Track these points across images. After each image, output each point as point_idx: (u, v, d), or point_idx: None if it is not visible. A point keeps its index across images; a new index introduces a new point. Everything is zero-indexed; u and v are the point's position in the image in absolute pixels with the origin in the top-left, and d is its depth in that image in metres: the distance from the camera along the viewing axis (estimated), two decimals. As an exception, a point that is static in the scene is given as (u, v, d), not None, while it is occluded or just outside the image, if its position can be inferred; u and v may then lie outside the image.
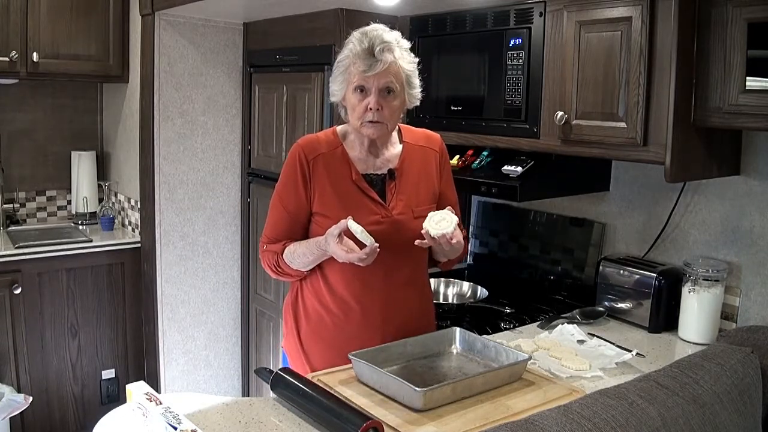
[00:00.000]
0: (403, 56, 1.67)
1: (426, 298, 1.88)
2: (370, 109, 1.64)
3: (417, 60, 1.73)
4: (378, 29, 1.66)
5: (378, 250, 1.57)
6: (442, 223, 1.61)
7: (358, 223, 1.57)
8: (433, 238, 1.60)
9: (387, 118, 1.67)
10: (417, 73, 1.72)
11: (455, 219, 1.62)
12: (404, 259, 1.76)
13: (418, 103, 1.76)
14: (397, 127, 1.80)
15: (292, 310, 1.83)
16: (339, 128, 1.80)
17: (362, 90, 1.65)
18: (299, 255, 1.70)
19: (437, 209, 1.78)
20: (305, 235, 1.76)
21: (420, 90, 1.74)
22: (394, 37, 1.67)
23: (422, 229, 1.62)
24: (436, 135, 1.88)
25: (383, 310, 1.74)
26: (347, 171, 1.72)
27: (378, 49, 1.61)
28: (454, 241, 1.60)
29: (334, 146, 1.74)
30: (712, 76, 1.68)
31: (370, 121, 1.66)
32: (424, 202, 1.77)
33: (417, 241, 1.65)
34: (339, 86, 1.70)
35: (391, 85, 1.64)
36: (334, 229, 1.59)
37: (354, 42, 1.65)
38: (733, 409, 1.38)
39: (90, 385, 3.16)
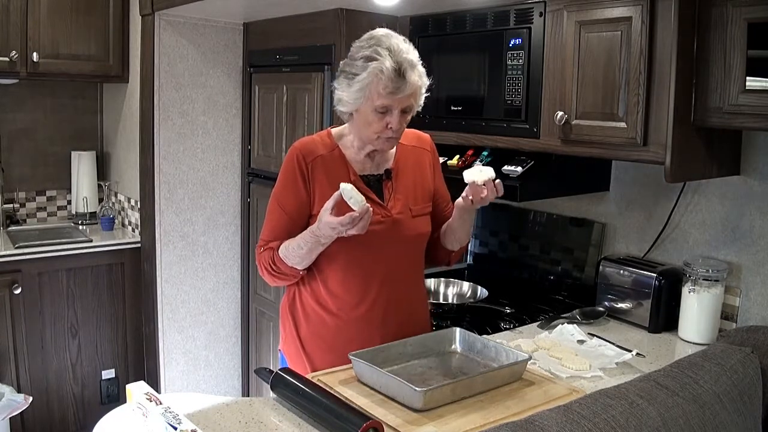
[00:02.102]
0: (422, 73, 1.65)
1: (422, 296, 1.89)
2: (391, 128, 1.63)
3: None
4: (396, 42, 1.62)
5: (370, 211, 1.54)
6: (481, 174, 1.62)
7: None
8: (480, 186, 1.60)
9: (401, 133, 1.68)
10: (426, 84, 1.70)
11: (491, 168, 1.62)
12: (403, 258, 1.76)
13: (419, 110, 1.74)
14: None
15: (290, 313, 1.82)
16: (334, 130, 1.79)
17: (384, 109, 1.62)
18: (293, 248, 1.68)
19: (433, 206, 1.80)
20: None
21: (424, 97, 1.72)
22: (410, 48, 1.64)
23: (467, 181, 1.62)
24: (425, 135, 1.89)
25: (383, 309, 1.73)
26: (345, 172, 1.72)
27: (408, 71, 1.59)
28: (497, 182, 1.61)
29: (330, 148, 1.74)
30: (712, 76, 1.68)
31: (387, 138, 1.65)
32: (421, 201, 1.78)
33: (461, 198, 1.66)
34: (354, 99, 1.64)
35: (411, 105, 1.64)
36: (328, 203, 1.56)
37: (379, 59, 1.58)
38: (733, 409, 1.38)
39: (90, 385, 3.16)
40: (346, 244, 1.63)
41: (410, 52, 1.63)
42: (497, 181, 1.62)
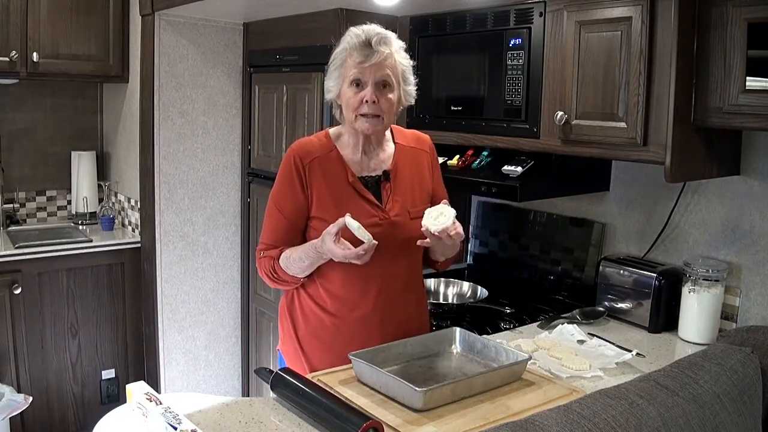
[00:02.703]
0: (399, 50, 1.68)
1: (421, 298, 1.88)
2: (366, 101, 1.63)
3: (411, 59, 1.73)
4: (373, 25, 1.67)
5: (375, 246, 1.56)
6: (440, 218, 1.60)
7: (356, 220, 1.57)
8: (435, 234, 1.59)
9: (383, 111, 1.66)
10: (411, 69, 1.72)
11: (452, 211, 1.61)
12: (401, 259, 1.75)
13: (413, 102, 1.75)
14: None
15: (289, 313, 1.82)
16: (331, 130, 1.79)
17: (358, 84, 1.64)
18: (294, 260, 1.69)
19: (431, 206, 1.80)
20: (303, 241, 1.74)
21: (415, 87, 1.73)
22: (390, 32, 1.68)
23: (422, 228, 1.61)
24: (425, 135, 1.88)
25: (381, 311, 1.73)
26: (343, 173, 1.71)
27: (375, 40, 1.62)
28: (453, 233, 1.59)
29: (327, 149, 1.73)
30: (712, 76, 1.68)
31: (364, 115, 1.64)
32: (420, 203, 1.77)
33: (419, 242, 1.64)
34: (334, 81, 1.69)
35: (387, 78, 1.64)
36: (332, 228, 1.57)
37: (350, 36, 1.66)
38: (733, 409, 1.38)
39: (90, 385, 3.16)
40: None
41: (389, 33, 1.66)
42: (454, 233, 1.59)
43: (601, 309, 2.16)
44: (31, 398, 2.57)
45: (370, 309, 1.72)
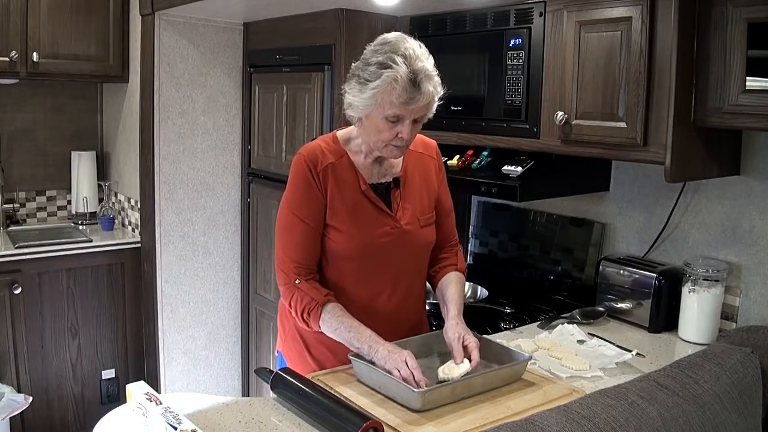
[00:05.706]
0: (437, 83, 1.58)
1: (422, 305, 1.86)
2: (401, 137, 1.57)
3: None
4: (412, 49, 1.54)
5: (421, 386, 1.46)
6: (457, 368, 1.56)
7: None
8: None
9: (411, 143, 1.63)
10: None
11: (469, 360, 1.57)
12: (409, 268, 1.73)
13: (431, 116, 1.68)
14: None
15: (290, 315, 1.81)
16: (339, 134, 1.73)
17: (395, 118, 1.56)
18: (346, 337, 1.58)
19: (435, 215, 1.77)
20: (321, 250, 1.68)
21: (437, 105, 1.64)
22: (425, 54, 1.57)
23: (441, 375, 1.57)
24: (431, 141, 1.84)
25: (389, 315, 1.71)
26: (355, 181, 1.66)
27: (423, 82, 1.52)
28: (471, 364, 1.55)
29: (339, 155, 1.67)
30: (712, 76, 1.68)
31: (396, 146, 1.60)
32: (428, 210, 1.75)
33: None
34: (364, 105, 1.56)
35: (424, 113, 1.58)
36: (417, 372, 1.47)
37: (394, 67, 1.50)
38: (733, 409, 1.38)
39: (90, 385, 3.16)
40: (357, 258, 1.60)
41: (426, 59, 1.56)
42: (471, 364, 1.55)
43: (601, 309, 2.16)
44: (31, 398, 2.58)
45: (379, 315, 1.70)
